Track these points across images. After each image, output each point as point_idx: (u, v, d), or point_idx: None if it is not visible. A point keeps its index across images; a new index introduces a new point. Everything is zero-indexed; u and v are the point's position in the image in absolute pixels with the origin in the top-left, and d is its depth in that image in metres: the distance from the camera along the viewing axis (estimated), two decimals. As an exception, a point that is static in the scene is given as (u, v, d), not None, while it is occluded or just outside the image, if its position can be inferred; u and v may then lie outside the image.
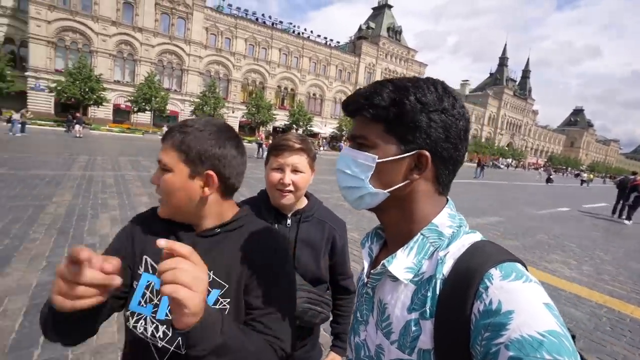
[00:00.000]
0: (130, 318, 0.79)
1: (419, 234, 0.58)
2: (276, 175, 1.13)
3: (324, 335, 1.52)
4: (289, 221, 1.19)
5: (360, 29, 59.15)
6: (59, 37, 33.50)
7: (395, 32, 59.26)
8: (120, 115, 37.67)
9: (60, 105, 33.01)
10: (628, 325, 3.67)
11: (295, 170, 1.13)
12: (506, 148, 76.99)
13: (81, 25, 34.25)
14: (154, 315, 0.78)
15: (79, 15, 33.88)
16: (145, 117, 37.59)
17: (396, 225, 0.62)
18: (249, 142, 32.29)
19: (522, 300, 0.45)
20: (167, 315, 0.77)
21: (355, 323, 0.69)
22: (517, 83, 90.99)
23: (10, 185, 6.58)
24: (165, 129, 28.11)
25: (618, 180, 14.46)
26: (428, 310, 0.53)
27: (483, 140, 73.21)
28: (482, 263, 0.51)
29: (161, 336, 0.77)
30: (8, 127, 19.07)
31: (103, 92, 31.31)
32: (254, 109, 39.75)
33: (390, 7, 61.04)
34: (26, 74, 32.00)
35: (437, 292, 0.53)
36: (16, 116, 18.37)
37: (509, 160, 74.32)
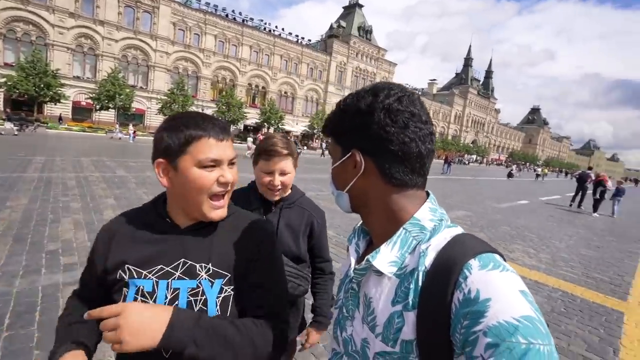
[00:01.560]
0: None
1: (401, 228, 0.59)
2: (267, 178, 1.30)
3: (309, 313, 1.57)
4: (273, 208, 1.37)
5: (331, 27, 59.40)
6: (8, 28, 31.12)
7: (365, 32, 60.09)
8: (81, 113, 35.64)
9: (11, 102, 30.66)
10: (579, 305, 4.01)
11: (282, 173, 1.31)
12: (471, 145, 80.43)
13: (34, 16, 32.01)
14: None
15: (30, 4, 31.62)
16: (108, 115, 35.76)
17: (372, 222, 0.65)
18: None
19: (499, 288, 0.47)
20: None
21: (341, 318, 0.71)
22: (480, 83, 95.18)
23: (-43, 189, 6.08)
24: (131, 128, 26.93)
25: (577, 174, 16.16)
26: (411, 302, 0.54)
27: (450, 137, 76.04)
28: (462, 254, 0.52)
29: None
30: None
31: (61, 89, 29.44)
32: (224, 107, 38.91)
33: (360, 6, 61.75)
34: (-29, 67, 29.54)
35: (420, 284, 0.54)
36: None
37: (473, 156, 77.71)
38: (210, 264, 0.80)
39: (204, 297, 0.79)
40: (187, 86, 38.37)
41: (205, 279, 0.79)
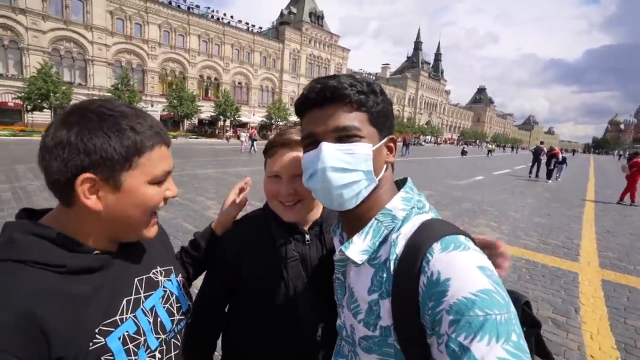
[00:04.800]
0: None
1: (373, 219, 0.62)
2: (274, 187, 0.86)
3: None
4: (307, 236, 0.91)
5: (282, 14, 57.98)
6: None
7: (317, 17, 59.39)
8: (9, 115, 31.96)
9: None
10: (540, 271, 4.33)
11: (295, 175, 0.82)
12: (425, 126, 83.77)
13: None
14: (149, 353, 0.68)
15: None
16: (43, 117, 32.24)
17: (361, 215, 0.64)
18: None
19: (458, 266, 0.49)
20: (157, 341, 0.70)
21: (337, 307, 0.75)
22: (431, 65, 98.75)
23: None
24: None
25: (533, 148, 18.52)
26: (385, 290, 0.57)
27: (405, 120, 78.55)
28: (427, 239, 0.54)
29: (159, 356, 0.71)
30: None
31: (-19, 89, 25.97)
32: (175, 101, 36.74)
33: (310, -9, 60.79)
34: None
35: (392, 272, 0.56)
36: None
37: (429, 137, 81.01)
38: (158, 267, 0.78)
39: (174, 295, 0.78)
40: (132, 81, 35.63)
41: (165, 281, 0.77)
